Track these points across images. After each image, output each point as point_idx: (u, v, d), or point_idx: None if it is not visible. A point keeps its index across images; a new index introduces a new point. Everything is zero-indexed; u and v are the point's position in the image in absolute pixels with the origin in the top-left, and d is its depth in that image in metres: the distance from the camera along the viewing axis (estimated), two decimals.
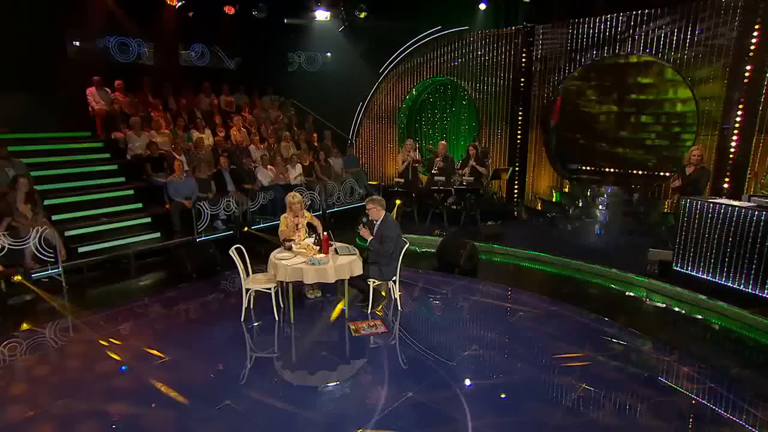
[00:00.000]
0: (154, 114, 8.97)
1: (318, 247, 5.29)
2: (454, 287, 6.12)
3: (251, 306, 5.35)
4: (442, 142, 8.95)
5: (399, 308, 5.42)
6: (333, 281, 4.98)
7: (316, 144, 10.73)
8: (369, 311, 5.30)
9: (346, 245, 5.44)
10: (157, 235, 7.38)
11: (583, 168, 9.63)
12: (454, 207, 8.82)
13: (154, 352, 4.50)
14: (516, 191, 9.84)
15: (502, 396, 3.85)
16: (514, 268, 7.02)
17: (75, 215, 7.01)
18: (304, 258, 5.09)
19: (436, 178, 8.45)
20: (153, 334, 4.92)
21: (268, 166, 9.06)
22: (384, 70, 11.48)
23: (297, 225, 5.57)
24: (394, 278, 5.36)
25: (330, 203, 9.53)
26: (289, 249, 5.36)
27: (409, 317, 5.30)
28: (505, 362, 4.37)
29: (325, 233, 5.32)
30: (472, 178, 8.39)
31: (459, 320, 5.27)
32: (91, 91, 8.75)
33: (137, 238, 7.17)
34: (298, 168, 9.50)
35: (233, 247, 5.10)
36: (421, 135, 11.65)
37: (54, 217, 6.70)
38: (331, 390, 3.89)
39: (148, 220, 7.55)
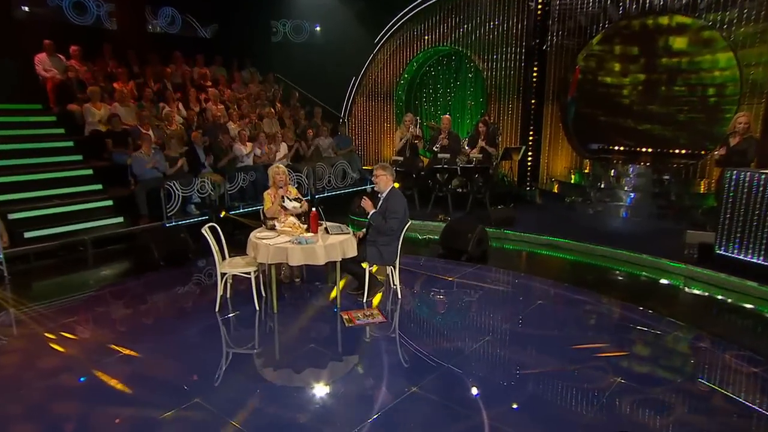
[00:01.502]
0: (117, 85, 8.65)
1: (305, 226, 5.02)
2: (462, 274, 5.93)
3: (227, 294, 5.11)
4: (446, 116, 8.71)
5: (399, 296, 5.19)
6: (323, 263, 4.72)
7: (304, 121, 10.46)
8: (365, 299, 5.05)
9: (338, 224, 5.19)
10: (120, 219, 7.10)
11: (605, 148, 9.43)
12: (460, 190, 8.59)
13: (110, 346, 4.22)
14: (529, 173, 9.63)
15: (522, 391, 3.59)
16: (528, 254, 6.88)
17: (21, 196, 6.72)
18: (289, 237, 4.82)
19: (439, 155, 8.20)
20: (109, 326, 4.67)
21: (248, 143, 8.77)
22: (380, 40, 11.24)
23: (283, 202, 5.30)
24: (394, 262, 5.11)
25: (319, 187, 9.28)
26: (272, 228, 5.10)
27: (410, 306, 5.10)
28: (525, 354, 4.15)
29: (314, 209, 5.06)
30: (480, 155, 8.14)
31: (468, 309, 5.09)
32: (40, 58, 8.42)
33: (96, 222, 6.89)
34: (284, 147, 9.24)
35: (206, 226, 4.83)
36: (422, 112, 11.43)
37: None
38: (320, 389, 3.61)
39: (110, 203, 7.28)
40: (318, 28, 12.07)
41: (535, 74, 9.38)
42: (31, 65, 8.37)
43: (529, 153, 9.51)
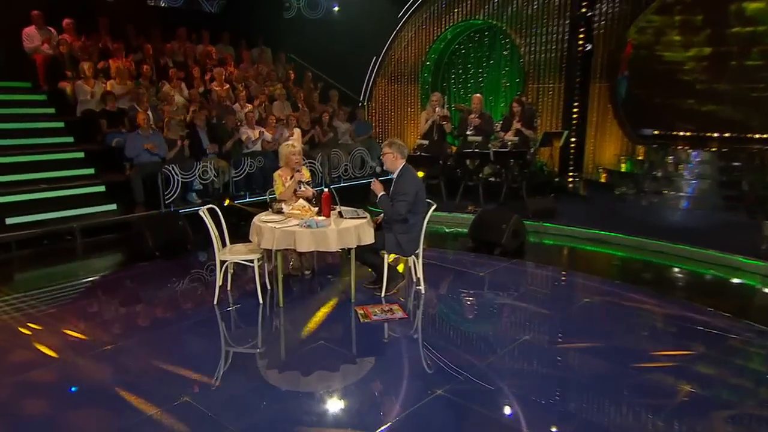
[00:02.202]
0: (113, 61, 8.65)
1: (316, 209, 4.85)
2: (494, 269, 5.74)
3: (228, 286, 4.99)
4: (477, 95, 8.48)
5: (422, 291, 4.97)
6: (335, 250, 4.56)
7: (319, 105, 10.35)
8: (383, 294, 4.85)
9: (354, 209, 5.00)
10: (113, 207, 7.07)
11: (661, 133, 9.08)
12: (493, 179, 8.36)
13: (91, 339, 4.11)
14: (572, 161, 9.34)
15: (565, 401, 3.33)
16: (571, 250, 6.68)
17: (4, 179, 6.74)
18: (297, 221, 4.64)
19: (470, 138, 7.95)
20: (91, 318, 4.59)
21: (256, 127, 8.67)
22: (404, 15, 11.08)
23: (297, 184, 5.16)
24: (416, 251, 4.91)
25: (335, 177, 9.17)
26: (279, 212, 4.93)
27: (435, 302, 4.91)
28: (570, 357, 3.90)
29: (326, 190, 4.88)
30: (516, 138, 7.87)
31: (501, 306, 4.89)
32: (28, 32, 8.44)
33: (86, 209, 6.87)
34: (297, 132, 9.12)
35: (204, 207, 4.71)
36: (450, 95, 11.23)
37: None
38: (329, 392, 3.40)
39: (102, 188, 7.27)
40: (336, 7, 11.98)
41: (580, 49, 9.09)
42: (17, 39, 8.41)
43: (573, 138, 9.23)
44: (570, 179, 9.17)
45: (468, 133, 8.06)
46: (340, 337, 4.21)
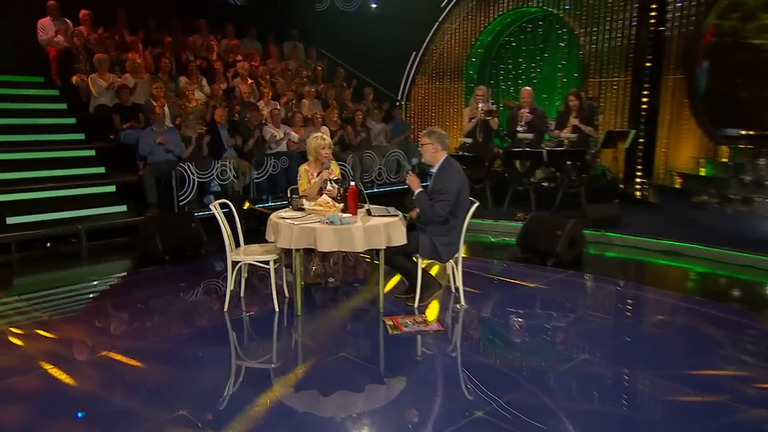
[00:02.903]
0: (130, 55, 8.82)
1: (341, 205, 4.72)
2: (547, 281, 5.51)
3: (241, 291, 4.92)
4: (527, 88, 8.25)
5: (462, 302, 4.75)
6: (361, 250, 4.40)
7: (349, 104, 10.33)
8: (416, 304, 4.65)
9: (384, 207, 4.86)
10: (123, 208, 7.13)
11: (749, 133, 8.59)
12: (546, 183, 8.11)
13: (84, 346, 4.06)
14: (640, 164, 8.96)
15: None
16: (639, 263, 6.40)
17: (7, 176, 6.86)
18: (319, 217, 4.51)
19: (519, 135, 7.71)
20: (87, 324, 4.57)
21: (282, 126, 8.67)
22: (447, 4, 11.01)
23: (323, 182, 5.09)
24: (456, 255, 4.72)
25: (367, 181, 9.08)
26: (300, 208, 4.83)
27: (476, 314, 4.70)
28: (642, 383, 3.58)
29: (353, 183, 4.75)
30: (574, 136, 7.58)
31: (554, 321, 4.63)
32: (43, 23, 8.70)
33: (94, 210, 6.93)
34: (326, 132, 9.09)
35: (216, 201, 4.65)
36: (498, 93, 11.01)
37: None
38: (352, 415, 3.18)
39: (112, 188, 7.35)
40: (374, 4, 12.02)
41: (651, 36, 8.77)
42: (32, 31, 8.69)
43: (641, 139, 8.87)
44: (638, 185, 8.77)
45: (518, 129, 7.81)
46: (365, 351, 4.04)
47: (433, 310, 4.65)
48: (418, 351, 4.02)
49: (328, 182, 5.03)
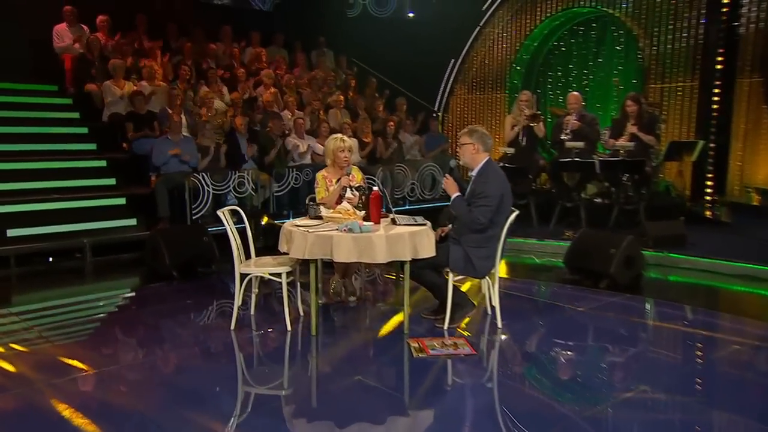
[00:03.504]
0: (147, 62, 9.00)
1: (363, 213, 4.60)
2: (599, 305, 5.26)
3: (251, 308, 4.85)
4: (574, 93, 8.05)
5: (498, 324, 4.55)
6: (383, 262, 4.24)
7: (383, 115, 10.33)
8: (445, 325, 4.46)
9: (412, 217, 4.75)
10: (132, 222, 7.17)
11: None
12: (599, 200, 7.84)
13: (68, 364, 3.97)
14: (710, 180, 8.61)
15: None
16: (711, 288, 6.08)
17: (12, 187, 6.98)
18: (337, 225, 4.40)
19: (567, 144, 7.47)
20: (74, 342, 4.59)
21: (306, 137, 8.69)
22: (489, 7, 10.96)
23: (343, 189, 4.98)
24: (492, 271, 4.54)
25: (399, 197, 8.99)
26: (317, 217, 4.74)
27: (515, 338, 4.51)
28: (718, 422, 3.33)
29: (376, 188, 4.63)
30: (631, 145, 7.31)
31: (607, 347, 4.42)
32: (59, 30, 8.94)
33: (101, 223, 6.97)
34: (354, 143, 9.09)
35: (226, 209, 4.60)
36: (546, 103, 10.85)
37: None
38: None
39: (122, 201, 7.42)
40: (411, 13, 12.09)
41: (722, 34, 8.50)
42: (47, 38, 8.96)
43: (710, 151, 8.54)
44: (708, 203, 8.41)
45: (564, 137, 7.58)
46: (386, 377, 3.87)
47: (466, 333, 4.44)
48: (447, 378, 3.81)
49: (348, 189, 4.92)
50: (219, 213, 4.52)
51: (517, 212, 4.53)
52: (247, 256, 4.75)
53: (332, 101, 9.94)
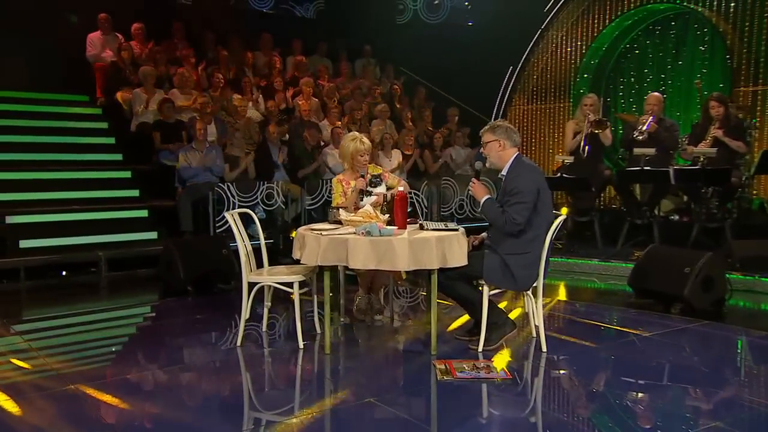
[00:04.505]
0: (180, 69, 9.12)
1: (386, 216, 4.39)
2: (667, 331, 4.84)
3: (263, 322, 4.71)
4: (655, 93, 7.62)
5: (543, 348, 4.20)
6: (405, 269, 4.01)
7: (431, 126, 10.18)
8: (480, 347, 4.14)
9: (443, 222, 4.56)
10: (153, 235, 7.18)
11: None
12: (675, 217, 7.37)
13: (51, 376, 3.90)
14: None
15: None
16: None
17: (31, 197, 7.13)
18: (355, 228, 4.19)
19: (636, 151, 7.01)
20: (65, 356, 4.52)
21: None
22: (552, 7, 10.70)
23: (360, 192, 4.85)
24: (534, 285, 4.22)
25: (446, 214, 8.84)
26: (336, 222, 4.56)
27: (562, 363, 4.16)
28: None
29: (401, 188, 4.41)
30: (714, 150, 6.80)
31: (674, 377, 4.00)
32: (92, 38, 9.21)
33: (120, 236, 7.02)
34: (396, 155, 8.95)
35: (235, 211, 4.51)
36: (617, 111, 10.41)
37: None
38: None
39: (144, 213, 7.47)
40: (470, 23, 12.03)
41: None
42: (80, 47, 9.24)
43: None
44: None
45: (636, 135, 7.11)
46: (403, 402, 3.57)
47: (502, 356, 4.12)
48: (477, 406, 3.47)
49: (366, 192, 4.76)
50: (226, 214, 4.41)
51: (563, 216, 4.20)
52: (260, 265, 4.62)
53: (377, 111, 9.89)
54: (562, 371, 4.05)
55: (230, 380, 4.00)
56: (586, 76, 10.69)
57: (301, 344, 4.29)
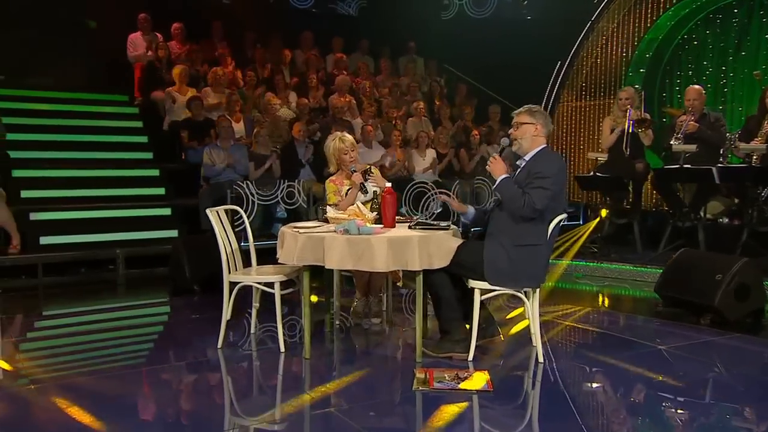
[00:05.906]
0: (214, 68, 9.15)
1: (375, 213, 4.17)
2: (690, 343, 4.45)
3: (251, 324, 4.61)
4: (695, 86, 7.05)
5: (539, 357, 3.89)
6: (384, 270, 3.80)
7: (470, 124, 9.88)
8: (470, 356, 3.84)
9: (438, 222, 4.25)
10: (173, 233, 7.17)
11: None
12: (724, 220, 6.88)
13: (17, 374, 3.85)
14: None
15: None
16: None
17: (55, 194, 7.24)
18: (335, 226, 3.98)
19: (675, 148, 6.46)
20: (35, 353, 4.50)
21: (375, 147, 8.45)
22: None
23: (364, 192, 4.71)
24: (540, 286, 3.94)
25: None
26: (324, 220, 4.39)
27: (559, 375, 3.84)
28: None
29: (388, 185, 4.19)
30: (764, 147, 6.21)
31: (688, 394, 3.60)
32: (133, 39, 9.34)
33: (141, 234, 7.03)
34: (430, 155, 8.72)
35: (221, 207, 4.45)
36: (673, 106, 9.80)
37: (24, 194, 7.01)
38: None
39: (167, 211, 7.49)
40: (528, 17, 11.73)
41: None
42: (120, 47, 9.40)
43: None
44: None
45: (673, 143, 6.56)
46: (365, 415, 3.28)
47: (492, 366, 3.82)
48: (444, 420, 3.13)
49: (365, 186, 4.60)
50: (208, 212, 4.28)
51: (564, 215, 3.86)
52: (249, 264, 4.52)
53: (413, 109, 9.68)
54: (552, 385, 3.69)
55: (199, 382, 3.88)
56: (641, 70, 10.18)
57: (282, 347, 4.12)
